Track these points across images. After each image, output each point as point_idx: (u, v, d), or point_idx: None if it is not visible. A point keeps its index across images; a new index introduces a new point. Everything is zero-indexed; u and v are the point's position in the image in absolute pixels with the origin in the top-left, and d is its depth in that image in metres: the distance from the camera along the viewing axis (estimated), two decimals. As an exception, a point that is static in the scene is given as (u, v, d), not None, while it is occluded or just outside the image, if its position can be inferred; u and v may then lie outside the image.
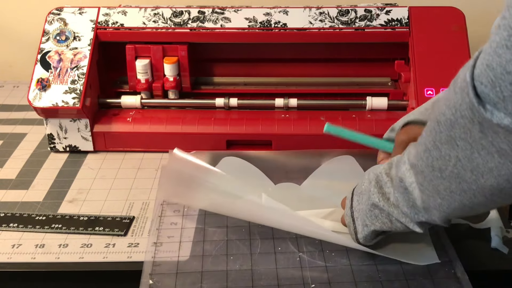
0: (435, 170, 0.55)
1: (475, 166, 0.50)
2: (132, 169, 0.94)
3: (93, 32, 0.99)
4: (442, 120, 0.52)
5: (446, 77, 0.92)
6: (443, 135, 0.52)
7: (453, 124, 0.50)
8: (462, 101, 0.48)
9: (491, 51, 0.45)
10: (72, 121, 0.96)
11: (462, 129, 0.49)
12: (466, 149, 0.50)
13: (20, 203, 0.86)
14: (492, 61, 0.45)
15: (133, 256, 0.76)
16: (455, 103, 0.49)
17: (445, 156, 0.53)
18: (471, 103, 0.47)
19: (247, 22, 0.99)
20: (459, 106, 0.49)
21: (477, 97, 0.46)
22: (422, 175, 0.57)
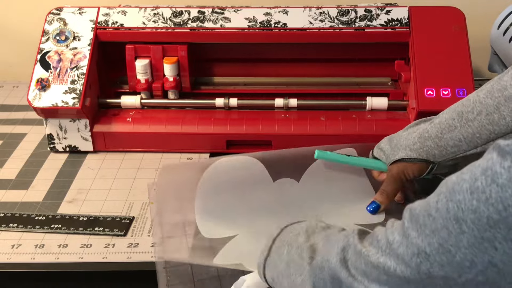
0: (433, 278, 0.46)
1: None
2: (132, 169, 0.94)
3: (93, 32, 0.99)
4: (471, 219, 0.42)
5: (446, 77, 0.93)
6: (467, 236, 0.43)
7: (495, 223, 0.42)
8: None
9: None
10: (72, 121, 0.96)
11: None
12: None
13: (19, 203, 0.86)
14: None
15: (132, 256, 0.76)
16: (504, 198, 0.41)
17: (463, 262, 0.44)
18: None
19: (247, 22, 0.98)
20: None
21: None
22: (403, 281, 0.48)
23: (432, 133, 0.75)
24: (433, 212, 0.45)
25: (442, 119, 0.75)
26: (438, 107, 0.91)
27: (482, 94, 0.71)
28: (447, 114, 0.75)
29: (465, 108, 0.72)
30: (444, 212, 0.44)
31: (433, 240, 0.44)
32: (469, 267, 0.43)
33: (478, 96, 0.72)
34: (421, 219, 0.46)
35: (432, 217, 0.45)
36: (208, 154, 0.97)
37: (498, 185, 0.41)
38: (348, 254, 0.52)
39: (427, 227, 0.45)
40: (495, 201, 0.41)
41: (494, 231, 0.41)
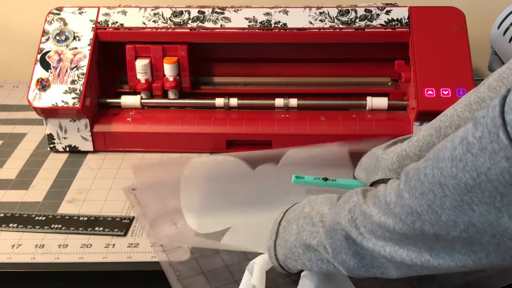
0: (426, 234, 0.50)
1: (502, 230, 0.45)
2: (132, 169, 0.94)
3: (93, 32, 0.99)
4: (451, 184, 0.46)
5: (446, 77, 0.93)
6: (449, 199, 0.47)
7: (471, 188, 0.45)
8: (493, 165, 0.43)
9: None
10: (72, 121, 0.96)
11: (487, 193, 0.44)
12: (489, 214, 0.45)
13: (19, 203, 0.86)
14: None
15: (133, 256, 0.76)
16: (478, 166, 0.44)
17: (448, 222, 0.48)
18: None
19: (247, 22, 0.98)
20: (486, 170, 0.43)
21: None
22: (403, 236, 0.52)
23: (410, 152, 0.72)
24: (422, 176, 0.49)
25: (420, 136, 0.73)
26: (438, 107, 0.91)
27: (459, 107, 0.70)
28: (425, 131, 0.73)
29: (442, 123, 0.71)
30: (430, 177, 0.48)
31: (422, 201, 0.49)
32: (453, 226, 0.48)
33: (455, 110, 0.70)
34: (412, 182, 0.50)
35: (421, 181, 0.49)
36: (208, 154, 0.97)
37: (472, 154, 0.44)
38: (355, 214, 0.56)
39: (417, 190, 0.49)
40: (470, 169, 0.44)
41: (471, 195, 0.45)
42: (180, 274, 0.71)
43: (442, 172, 0.47)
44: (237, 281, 0.70)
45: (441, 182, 0.47)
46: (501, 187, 0.43)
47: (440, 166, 0.47)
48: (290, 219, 0.66)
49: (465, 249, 0.49)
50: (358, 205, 0.56)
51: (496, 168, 0.43)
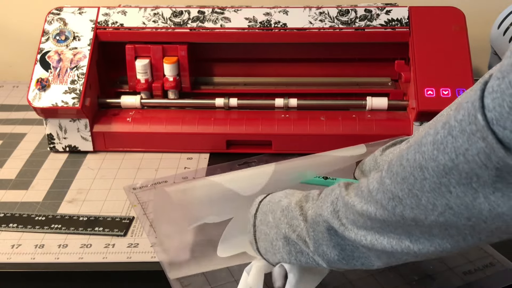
0: (406, 219, 0.52)
1: (477, 212, 0.47)
2: (132, 169, 0.94)
3: (93, 32, 0.99)
4: (431, 166, 0.48)
5: (446, 77, 0.93)
6: (429, 182, 0.48)
7: (449, 170, 0.46)
8: (470, 146, 0.44)
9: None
10: (72, 121, 0.96)
11: (464, 174, 0.46)
12: (465, 195, 0.47)
13: (19, 203, 0.86)
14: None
15: (132, 256, 0.76)
16: (457, 147, 0.45)
17: (427, 205, 0.49)
18: (489, 149, 0.43)
19: (247, 22, 0.98)
20: (464, 151, 0.45)
21: (500, 143, 0.43)
22: (384, 224, 0.54)
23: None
24: (404, 162, 0.51)
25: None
26: (438, 107, 0.91)
27: (454, 106, 0.69)
28: (422, 132, 0.73)
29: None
30: (412, 162, 0.50)
31: (403, 186, 0.51)
32: (432, 209, 0.49)
33: (450, 109, 0.70)
34: (394, 169, 0.52)
35: (402, 166, 0.51)
36: (208, 154, 0.97)
37: (453, 136, 0.46)
38: (338, 206, 0.58)
39: (399, 175, 0.51)
40: (449, 151, 0.46)
41: (449, 177, 0.47)
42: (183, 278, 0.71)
43: (423, 156, 0.49)
44: (236, 281, 0.70)
45: (422, 165, 0.49)
46: (477, 168, 0.45)
47: (422, 150, 0.49)
48: (266, 212, 0.66)
49: (442, 233, 0.51)
50: (340, 197, 0.58)
51: (473, 149, 0.44)
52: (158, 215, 0.80)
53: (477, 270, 0.71)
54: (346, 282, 0.70)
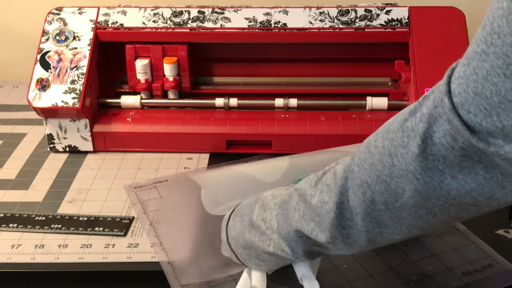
0: (376, 204, 0.53)
1: (445, 192, 0.48)
2: (132, 169, 0.94)
3: (93, 32, 0.99)
4: (401, 153, 0.49)
5: (446, 77, 0.93)
6: (397, 168, 0.50)
7: (416, 156, 0.48)
8: (437, 129, 0.47)
9: (479, 79, 0.43)
10: (72, 121, 0.96)
11: (431, 157, 0.48)
12: (433, 179, 0.48)
13: (19, 203, 0.86)
14: (483, 89, 0.43)
15: (132, 256, 0.76)
16: (425, 131, 0.47)
17: (397, 190, 0.51)
18: (455, 131, 0.45)
19: (247, 22, 0.98)
20: (432, 133, 0.47)
21: (465, 125, 0.45)
22: (354, 211, 0.55)
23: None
24: (372, 149, 0.52)
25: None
26: (438, 107, 0.91)
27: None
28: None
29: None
30: (381, 149, 0.51)
31: (371, 172, 0.52)
32: (401, 193, 0.51)
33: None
34: (362, 156, 0.54)
35: (371, 153, 0.52)
36: (208, 154, 0.97)
37: (421, 120, 0.48)
38: (301, 211, 0.58)
39: (367, 162, 0.53)
40: (420, 136, 0.48)
41: (415, 164, 0.48)
42: (178, 272, 0.71)
43: (392, 143, 0.50)
44: (234, 279, 0.70)
45: (391, 152, 0.50)
46: (443, 150, 0.46)
47: (391, 137, 0.50)
48: (234, 237, 0.66)
49: (412, 215, 0.52)
50: (300, 202, 0.59)
51: (440, 131, 0.46)
52: (175, 205, 0.81)
53: (476, 271, 0.71)
54: (345, 282, 0.70)
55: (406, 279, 0.70)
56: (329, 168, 0.59)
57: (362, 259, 0.72)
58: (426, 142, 0.47)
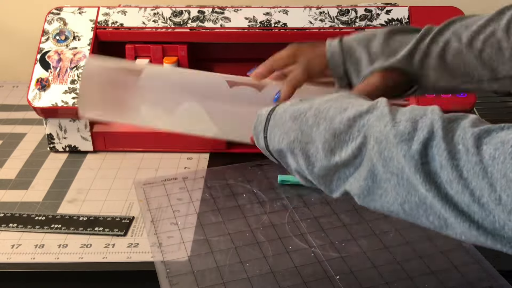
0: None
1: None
2: (132, 169, 0.94)
3: (93, 31, 0.99)
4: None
5: (447, 77, 0.93)
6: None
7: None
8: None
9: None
10: (72, 121, 0.96)
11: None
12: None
13: (19, 203, 0.86)
14: None
15: (132, 256, 0.75)
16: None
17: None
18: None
19: (247, 22, 0.98)
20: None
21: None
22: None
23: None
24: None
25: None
26: (438, 107, 0.91)
27: None
28: None
29: None
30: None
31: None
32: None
33: None
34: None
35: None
36: (208, 154, 0.97)
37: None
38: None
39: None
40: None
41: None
42: (170, 272, 0.72)
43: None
44: (225, 283, 0.70)
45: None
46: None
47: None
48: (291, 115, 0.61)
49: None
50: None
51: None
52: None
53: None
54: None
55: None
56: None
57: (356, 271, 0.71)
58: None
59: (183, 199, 0.86)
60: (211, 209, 0.83)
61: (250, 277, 0.71)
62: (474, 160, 0.48)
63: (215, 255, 0.74)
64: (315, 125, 0.57)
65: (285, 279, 0.70)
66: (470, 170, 0.48)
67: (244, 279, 0.70)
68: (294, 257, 0.74)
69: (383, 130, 0.52)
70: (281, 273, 0.71)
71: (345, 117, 0.55)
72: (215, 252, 0.75)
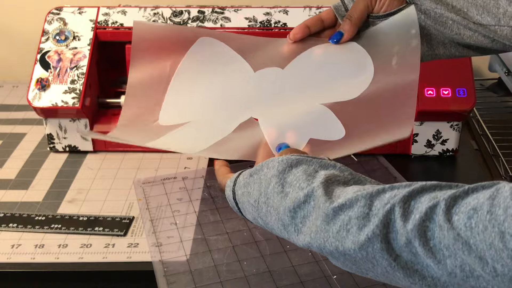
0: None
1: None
2: (132, 169, 0.94)
3: (93, 31, 0.99)
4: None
5: (446, 77, 0.93)
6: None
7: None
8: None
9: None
10: (72, 121, 0.96)
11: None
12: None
13: (19, 203, 0.86)
14: None
15: (132, 256, 0.76)
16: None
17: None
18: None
19: (247, 22, 0.98)
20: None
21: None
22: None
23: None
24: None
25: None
26: (438, 107, 0.91)
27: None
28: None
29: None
30: None
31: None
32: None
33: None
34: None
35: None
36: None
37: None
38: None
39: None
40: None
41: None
42: (167, 271, 0.72)
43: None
44: (222, 282, 0.70)
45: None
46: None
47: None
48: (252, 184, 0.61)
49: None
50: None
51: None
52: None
53: None
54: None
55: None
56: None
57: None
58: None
59: (183, 198, 0.86)
60: (210, 208, 0.83)
61: (247, 276, 0.71)
62: (453, 235, 0.45)
63: (213, 254, 0.74)
64: (268, 215, 0.58)
65: (282, 278, 0.70)
66: (450, 248, 0.45)
67: (241, 278, 0.70)
68: (292, 257, 0.74)
69: (322, 223, 0.52)
70: (278, 272, 0.71)
71: (287, 208, 0.56)
72: (213, 251, 0.75)
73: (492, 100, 1.13)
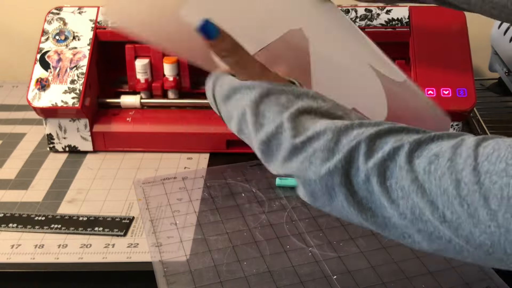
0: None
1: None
2: (132, 169, 0.94)
3: (93, 31, 0.99)
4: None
5: (446, 77, 0.93)
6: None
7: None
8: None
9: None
10: (72, 121, 0.96)
11: None
12: None
13: (19, 203, 0.86)
14: None
15: (132, 256, 0.76)
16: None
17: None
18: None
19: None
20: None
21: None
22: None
23: None
24: None
25: None
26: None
27: None
28: None
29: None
30: None
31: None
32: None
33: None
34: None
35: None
36: (208, 154, 0.97)
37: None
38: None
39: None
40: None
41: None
42: (167, 271, 0.72)
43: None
44: (222, 282, 0.70)
45: None
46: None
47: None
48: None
49: None
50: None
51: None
52: None
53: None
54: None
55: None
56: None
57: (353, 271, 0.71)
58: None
59: (183, 198, 0.86)
60: (210, 208, 0.83)
61: (247, 276, 0.71)
62: (410, 178, 0.46)
63: (213, 254, 0.74)
64: (246, 139, 0.61)
65: (282, 278, 0.70)
66: (405, 189, 0.46)
67: (241, 278, 0.70)
68: (292, 257, 0.74)
69: (290, 154, 0.53)
70: (278, 272, 0.71)
71: (259, 140, 0.57)
72: (213, 251, 0.75)
73: (492, 100, 1.13)
